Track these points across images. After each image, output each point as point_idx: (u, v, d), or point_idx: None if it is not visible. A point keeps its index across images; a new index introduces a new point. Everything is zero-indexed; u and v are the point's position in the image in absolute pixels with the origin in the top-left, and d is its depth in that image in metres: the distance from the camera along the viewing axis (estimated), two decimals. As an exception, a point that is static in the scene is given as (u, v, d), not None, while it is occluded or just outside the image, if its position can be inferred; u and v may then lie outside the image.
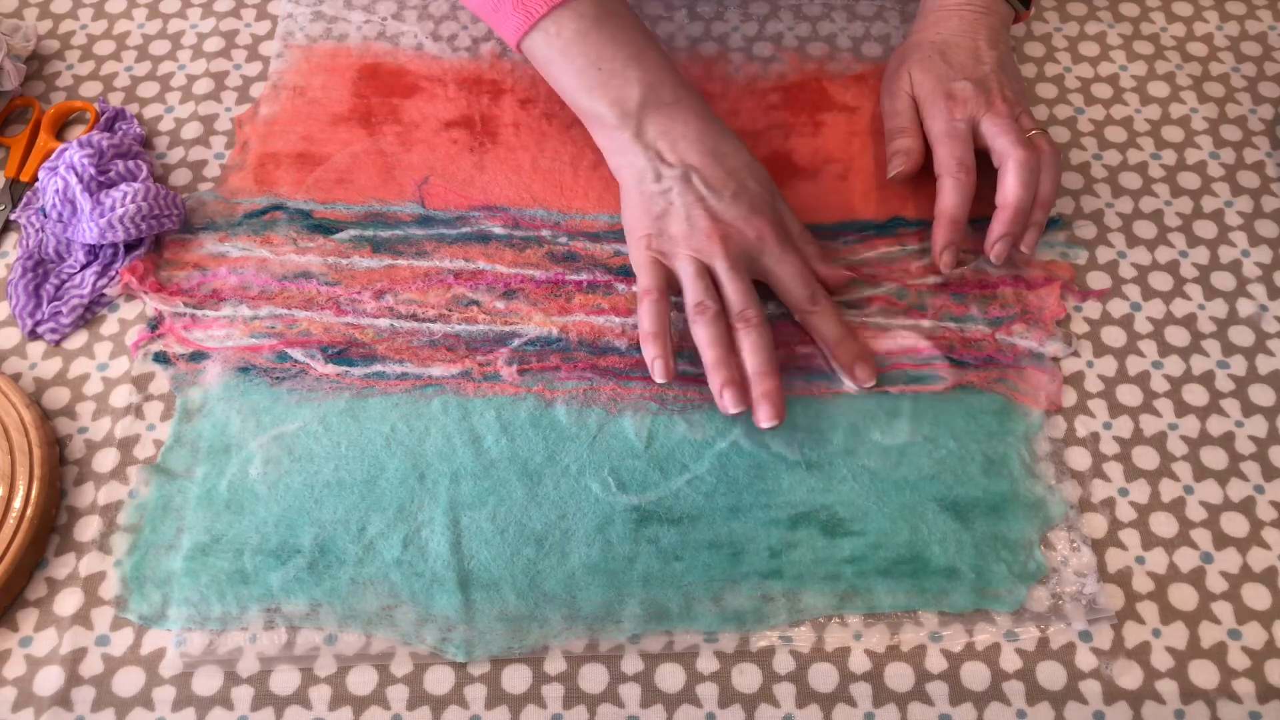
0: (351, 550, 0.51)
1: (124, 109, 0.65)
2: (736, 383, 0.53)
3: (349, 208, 0.62)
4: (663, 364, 0.53)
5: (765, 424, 0.52)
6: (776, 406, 0.52)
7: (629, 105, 0.57)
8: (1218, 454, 0.55)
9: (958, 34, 0.62)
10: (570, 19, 0.56)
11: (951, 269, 0.58)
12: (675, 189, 0.56)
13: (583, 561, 0.51)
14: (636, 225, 0.57)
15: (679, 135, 0.57)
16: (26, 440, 0.52)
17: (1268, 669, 0.49)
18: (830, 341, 0.56)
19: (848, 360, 0.55)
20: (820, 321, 0.56)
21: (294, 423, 0.54)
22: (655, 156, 0.56)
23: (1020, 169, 0.57)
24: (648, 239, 0.56)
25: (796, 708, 0.48)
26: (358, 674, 0.48)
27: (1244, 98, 0.68)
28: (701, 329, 0.54)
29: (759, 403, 0.52)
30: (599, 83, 0.57)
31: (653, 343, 0.54)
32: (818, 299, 0.56)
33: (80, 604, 0.50)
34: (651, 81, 0.57)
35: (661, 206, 0.56)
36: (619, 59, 0.57)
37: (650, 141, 0.57)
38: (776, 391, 0.52)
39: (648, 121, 0.57)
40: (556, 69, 0.58)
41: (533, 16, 0.56)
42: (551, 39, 0.57)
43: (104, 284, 0.58)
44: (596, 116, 0.58)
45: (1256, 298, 0.60)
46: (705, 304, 0.54)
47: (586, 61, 0.57)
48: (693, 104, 0.58)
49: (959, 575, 0.50)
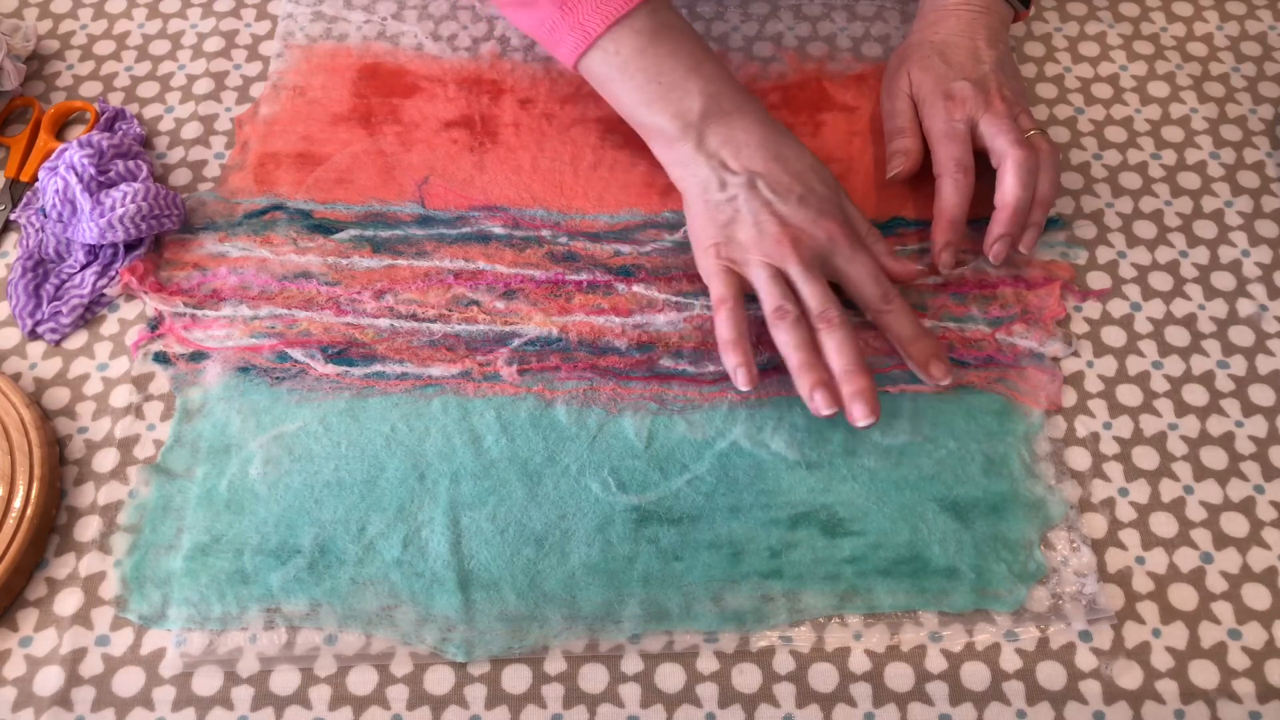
0: (351, 550, 0.51)
1: (124, 109, 0.65)
2: (826, 384, 0.52)
3: (349, 208, 0.62)
4: (745, 372, 0.53)
5: (862, 422, 0.51)
6: (870, 404, 0.51)
7: (690, 117, 0.56)
8: (1218, 454, 0.55)
9: (957, 34, 0.62)
10: (628, 35, 0.56)
11: (951, 269, 0.58)
12: (741, 196, 0.55)
13: (583, 561, 0.51)
14: (703, 235, 0.56)
15: (741, 143, 0.56)
16: (26, 440, 0.52)
17: (1268, 669, 0.49)
18: (905, 340, 0.55)
19: (922, 358, 0.55)
20: (894, 320, 0.55)
21: (294, 423, 0.54)
22: (719, 165, 0.56)
23: (1019, 169, 0.57)
24: (716, 248, 0.55)
25: (796, 708, 0.48)
26: (358, 674, 0.48)
27: (1244, 98, 0.68)
28: (783, 333, 0.53)
29: (852, 401, 0.52)
30: (659, 96, 0.56)
31: (734, 351, 0.53)
32: (891, 297, 0.55)
33: (80, 604, 0.50)
34: (712, 91, 0.57)
35: (728, 214, 0.55)
36: (679, 71, 0.56)
37: (713, 151, 0.56)
38: (869, 389, 0.52)
39: (709, 131, 0.56)
40: (616, 86, 0.58)
41: (590, 36, 0.56)
42: (610, 57, 0.56)
43: (104, 284, 0.58)
44: (658, 130, 0.57)
45: (1256, 298, 0.60)
46: (785, 308, 0.53)
47: (646, 77, 0.56)
48: (753, 111, 0.58)
49: (959, 575, 0.50)
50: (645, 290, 0.59)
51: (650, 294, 0.59)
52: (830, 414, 0.52)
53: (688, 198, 0.58)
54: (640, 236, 0.61)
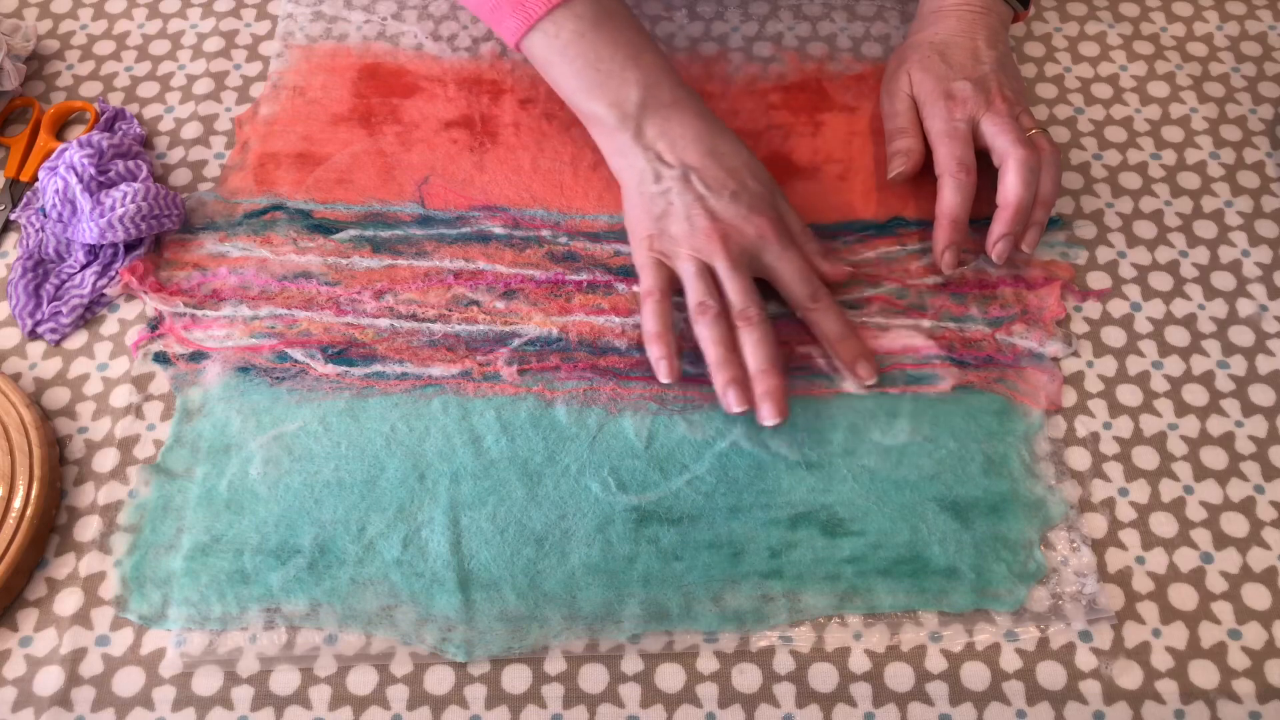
0: (351, 550, 0.51)
1: (124, 109, 0.65)
2: (739, 381, 0.53)
3: (349, 208, 0.62)
4: (667, 364, 0.54)
5: (768, 421, 0.52)
6: (779, 404, 0.52)
7: (628, 107, 0.57)
8: (1218, 454, 0.55)
9: (957, 34, 0.62)
10: (568, 20, 0.56)
11: (953, 269, 0.58)
12: (675, 189, 0.56)
13: (583, 561, 0.51)
14: (638, 226, 0.57)
15: (677, 136, 0.57)
16: (26, 440, 0.52)
17: (1268, 669, 0.49)
18: (832, 339, 0.56)
19: (849, 358, 0.55)
20: (822, 318, 0.56)
21: (294, 423, 0.54)
22: (655, 157, 0.57)
23: (1021, 168, 0.57)
24: (649, 240, 0.56)
25: (796, 708, 0.48)
26: (358, 674, 0.48)
27: (1244, 98, 0.68)
28: (704, 328, 0.54)
29: (761, 401, 0.52)
30: (597, 84, 0.57)
31: (657, 343, 0.54)
32: (819, 296, 0.56)
33: (80, 604, 0.50)
34: (650, 82, 0.57)
35: (662, 207, 0.56)
36: (617, 60, 0.57)
37: (649, 142, 0.57)
38: (779, 389, 0.52)
39: (646, 122, 0.57)
40: (555, 70, 0.58)
41: (531, 17, 0.56)
42: (550, 40, 0.57)
43: (104, 284, 0.58)
44: (596, 118, 0.58)
45: (1256, 298, 0.60)
46: (707, 303, 0.54)
47: (585, 63, 0.57)
48: (691, 104, 0.58)
49: (959, 575, 0.50)
50: (645, 290, 0.59)
51: (650, 294, 0.58)
52: (740, 411, 0.53)
53: (625, 188, 0.58)
54: (640, 236, 0.61)
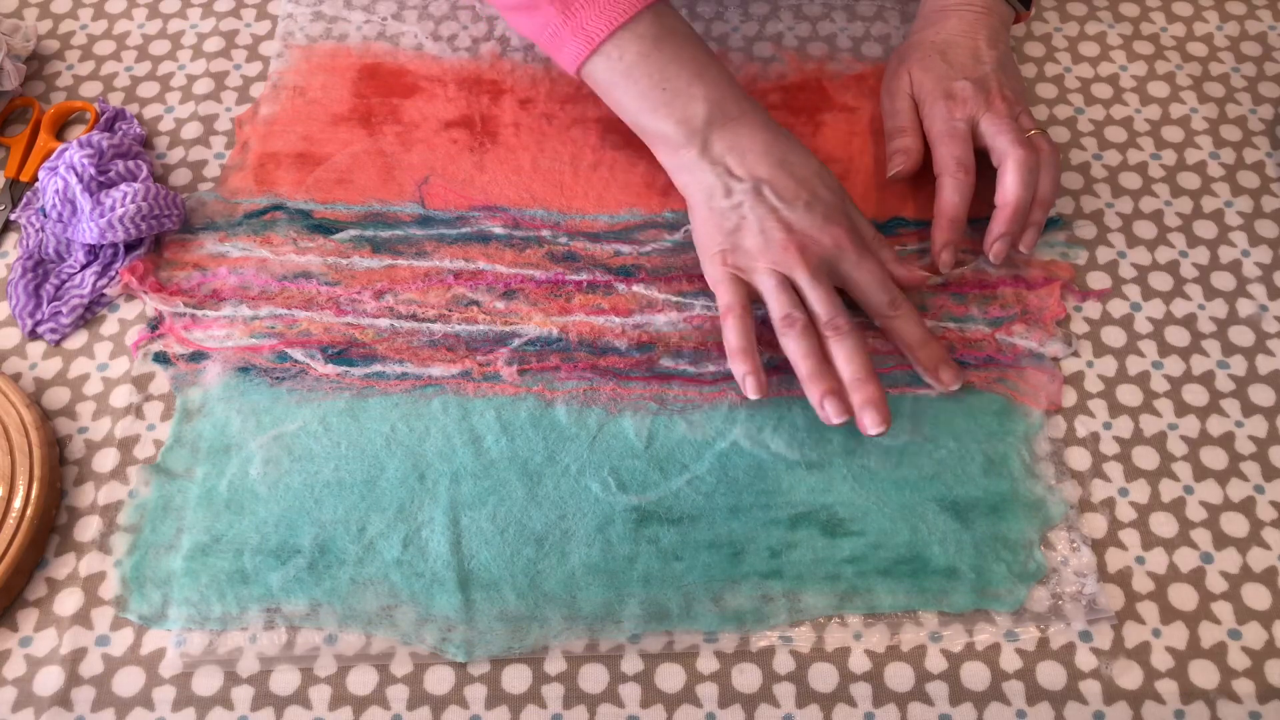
0: (351, 550, 0.51)
1: (124, 109, 0.65)
2: (836, 392, 0.52)
3: (349, 208, 0.62)
4: (754, 380, 0.53)
5: (873, 431, 0.51)
6: (881, 412, 0.51)
7: (695, 123, 0.56)
8: (1218, 454, 0.55)
9: (957, 34, 0.62)
10: (631, 41, 0.55)
11: (951, 268, 0.58)
12: (747, 203, 0.55)
13: (583, 561, 0.51)
14: (709, 242, 0.56)
15: (746, 149, 0.56)
16: (26, 440, 0.52)
17: (1268, 669, 0.49)
18: (913, 345, 0.55)
19: (931, 363, 0.55)
20: (903, 325, 0.55)
21: (294, 423, 0.54)
22: (724, 172, 0.56)
23: (1019, 168, 0.57)
24: (722, 255, 0.55)
25: (796, 708, 0.48)
26: (358, 674, 0.48)
27: (1244, 98, 0.68)
28: (792, 341, 0.53)
29: (862, 410, 0.52)
30: (664, 102, 0.56)
31: (742, 359, 0.53)
32: (898, 303, 0.55)
33: (80, 604, 0.50)
34: (716, 97, 0.56)
35: (734, 221, 0.55)
36: (683, 77, 0.56)
37: (718, 157, 0.56)
38: (879, 397, 0.52)
39: (714, 137, 0.56)
40: (619, 92, 0.57)
41: (594, 41, 0.55)
42: (614, 63, 0.56)
43: (104, 284, 0.58)
44: (662, 136, 0.57)
45: (1256, 298, 0.60)
46: (794, 316, 0.53)
47: (650, 83, 0.56)
48: (758, 116, 0.57)
49: (959, 575, 0.50)
50: (645, 290, 0.59)
51: (650, 294, 0.59)
52: (840, 422, 0.52)
53: (692, 204, 0.58)
54: (640, 236, 0.61)
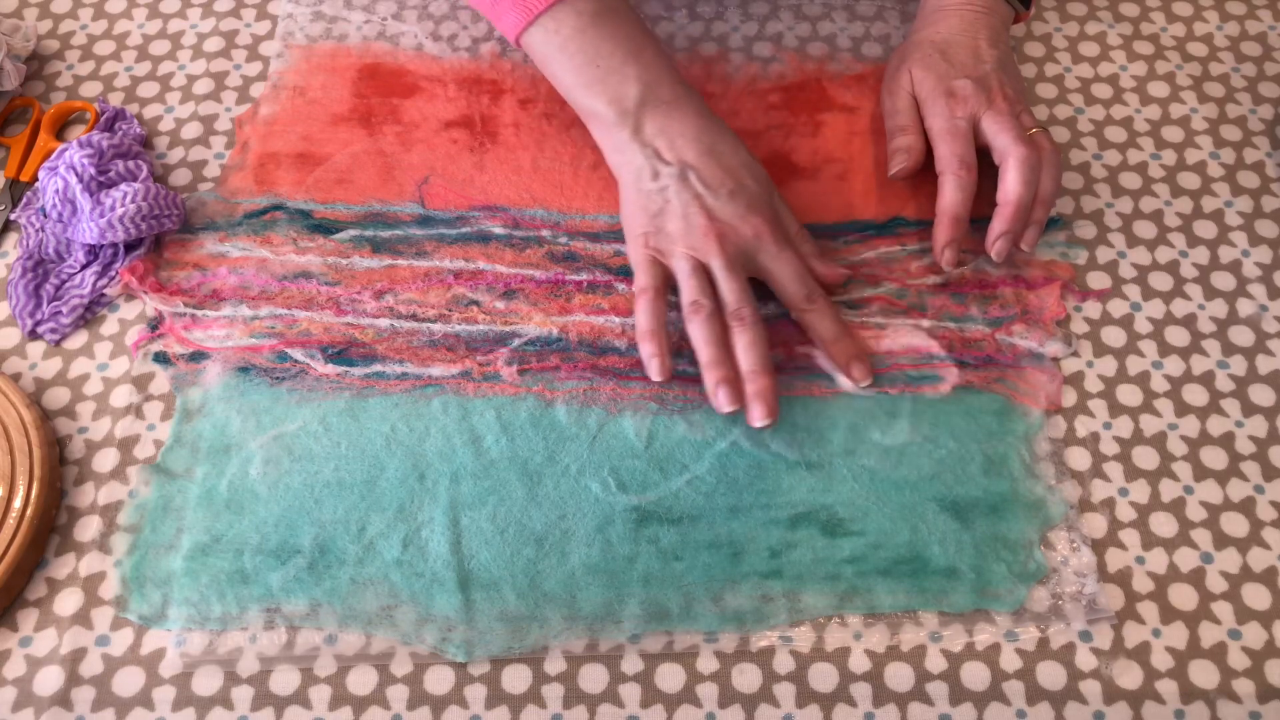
0: (351, 550, 0.51)
1: (124, 109, 0.65)
2: (731, 381, 0.53)
3: (349, 208, 0.62)
4: (659, 362, 0.54)
5: (758, 422, 0.52)
6: (770, 405, 0.52)
7: (627, 103, 0.57)
8: (1218, 454, 0.55)
9: (958, 33, 0.62)
10: (569, 15, 0.56)
11: (953, 266, 0.58)
12: (672, 187, 0.56)
13: (583, 561, 0.51)
14: (634, 223, 0.57)
15: (676, 133, 0.57)
16: (26, 440, 0.52)
17: (1268, 669, 0.49)
18: (826, 340, 0.56)
19: (843, 359, 0.55)
20: (817, 320, 0.56)
21: (294, 423, 0.54)
22: (653, 154, 0.56)
23: (1021, 166, 0.57)
24: (645, 237, 0.56)
25: (796, 708, 0.48)
26: (358, 674, 0.48)
27: (1244, 98, 0.68)
28: (696, 328, 0.54)
29: (752, 401, 0.52)
30: (597, 80, 0.57)
31: (649, 340, 0.54)
32: (814, 297, 0.56)
33: (80, 604, 0.50)
34: (650, 80, 0.57)
35: (659, 205, 0.56)
36: (617, 56, 0.57)
37: (648, 139, 0.57)
38: (770, 390, 0.52)
39: (645, 119, 0.57)
40: (555, 65, 0.58)
41: (532, 12, 0.56)
42: (550, 35, 0.57)
43: (104, 284, 0.58)
44: (595, 114, 0.58)
45: (1256, 298, 0.60)
46: (700, 302, 0.54)
47: (585, 59, 0.57)
48: (691, 102, 0.58)
49: (959, 575, 0.50)
50: (645, 290, 0.59)
51: (650, 294, 0.58)
52: (731, 411, 0.53)
53: (622, 184, 0.58)
54: (640, 236, 0.61)
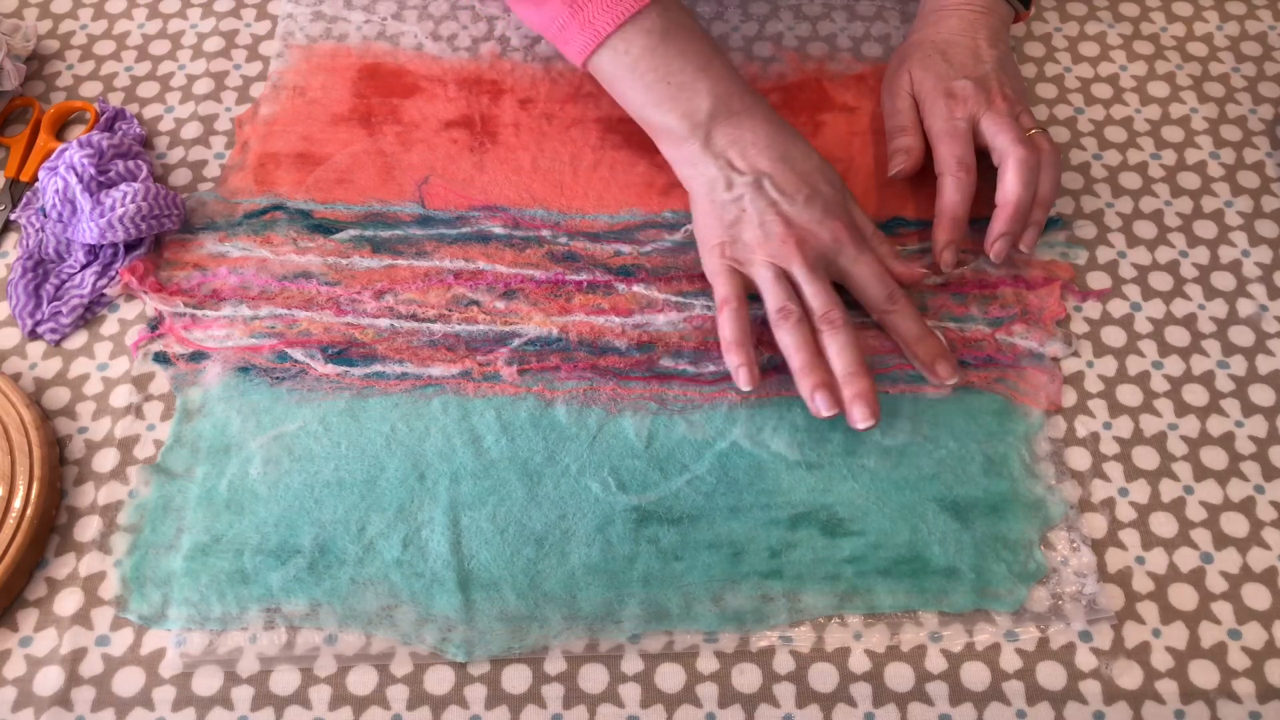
0: (351, 550, 0.51)
1: (124, 109, 0.65)
2: (828, 385, 0.52)
3: (349, 208, 0.62)
4: (747, 371, 0.53)
5: (862, 425, 0.52)
6: (871, 406, 0.52)
7: (698, 116, 0.56)
8: (1218, 454, 0.55)
9: (958, 33, 0.62)
10: (638, 35, 0.56)
11: (952, 267, 0.58)
12: (747, 196, 0.55)
13: (583, 561, 0.51)
14: (709, 234, 0.56)
15: (749, 143, 0.56)
16: (26, 440, 0.52)
17: (1268, 669, 0.49)
18: (910, 340, 0.55)
19: (928, 358, 0.55)
20: (899, 320, 0.55)
21: (294, 423, 0.54)
22: (726, 165, 0.56)
23: (1020, 167, 0.57)
24: (721, 247, 0.56)
25: (796, 708, 0.48)
26: (358, 674, 0.48)
27: (1244, 98, 0.68)
28: (786, 334, 0.53)
29: (853, 404, 0.52)
30: (668, 96, 0.57)
31: (736, 351, 0.53)
32: (896, 298, 0.55)
33: (80, 604, 0.50)
34: (720, 91, 0.57)
35: (734, 214, 0.56)
36: (688, 71, 0.56)
37: (720, 150, 0.56)
38: (870, 391, 0.52)
39: (717, 131, 0.57)
40: (624, 85, 0.58)
41: (600, 34, 0.56)
42: (620, 56, 0.57)
43: (104, 284, 0.58)
44: (666, 129, 0.58)
45: (1256, 298, 0.60)
46: (789, 308, 0.53)
47: (656, 76, 0.56)
48: (761, 111, 0.58)
49: (959, 575, 0.50)
50: (645, 290, 0.59)
51: (650, 294, 0.59)
52: (830, 415, 0.52)
53: (694, 197, 0.58)
54: (640, 236, 0.61)
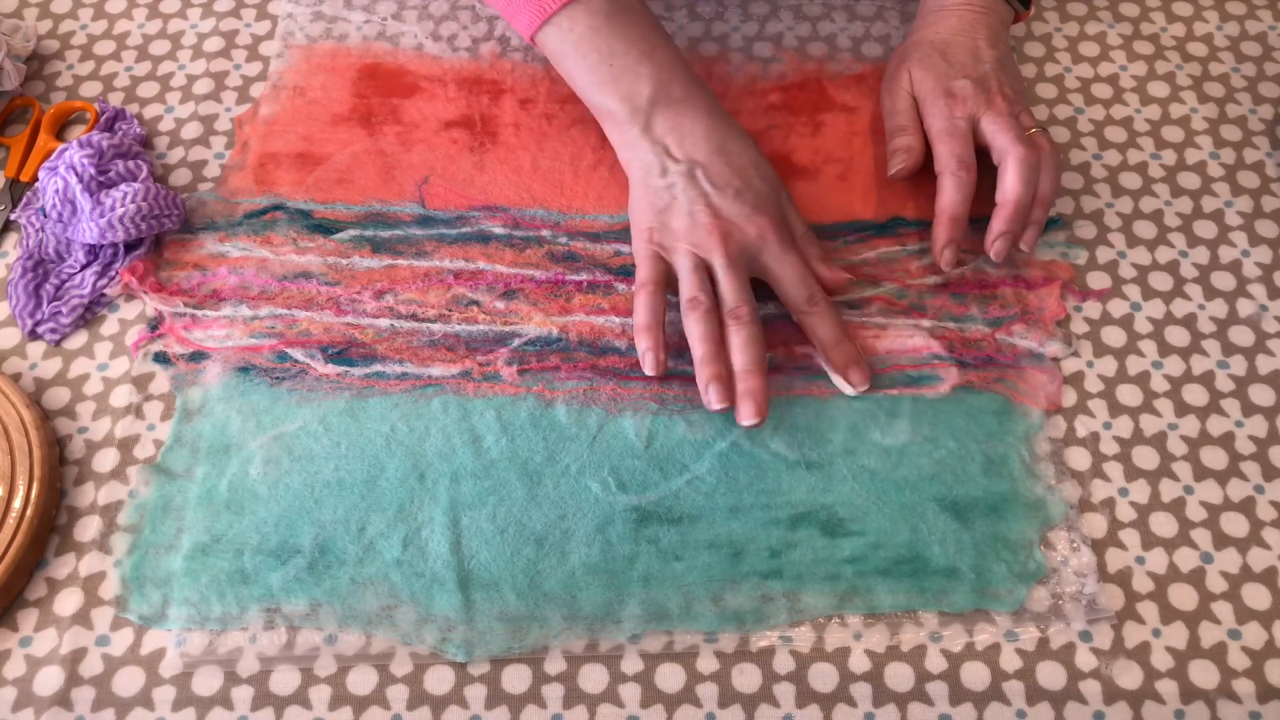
0: (351, 550, 0.51)
1: (124, 109, 0.65)
2: (722, 378, 0.53)
3: (349, 208, 0.62)
4: (653, 357, 0.54)
5: (746, 421, 0.52)
6: (759, 404, 0.52)
7: (639, 101, 0.57)
8: (1218, 454, 0.55)
9: (957, 33, 0.62)
10: (583, 14, 0.57)
11: (952, 266, 0.58)
12: (679, 184, 0.56)
13: (583, 561, 0.51)
14: (640, 218, 0.57)
15: (687, 131, 0.57)
16: (26, 440, 0.52)
17: (1268, 669, 0.49)
18: (826, 343, 0.56)
19: (841, 363, 0.55)
20: (817, 323, 0.56)
21: (294, 423, 0.54)
22: (662, 151, 0.57)
23: (1020, 166, 0.57)
24: (649, 232, 0.56)
25: (796, 708, 0.48)
26: (358, 674, 0.48)
27: (1244, 98, 0.68)
28: (693, 324, 0.54)
29: (742, 400, 0.52)
30: (610, 78, 0.57)
31: (645, 335, 0.54)
32: (815, 300, 0.56)
33: (80, 604, 0.50)
34: (662, 78, 0.57)
35: (665, 201, 0.56)
36: (631, 55, 0.57)
37: (658, 137, 0.57)
38: (760, 390, 0.52)
39: (656, 117, 0.57)
40: (569, 63, 0.59)
41: (546, 11, 0.57)
42: (565, 33, 0.57)
43: (104, 284, 0.58)
44: (607, 111, 0.58)
45: (1256, 298, 0.60)
46: (698, 299, 0.54)
47: (599, 57, 0.57)
48: (703, 101, 0.58)
49: (959, 575, 0.50)
50: (645, 290, 0.59)
51: (650, 294, 0.58)
52: (720, 409, 0.52)
53: (631, 180, 0.59)
54: (640, 236, 0.61)
